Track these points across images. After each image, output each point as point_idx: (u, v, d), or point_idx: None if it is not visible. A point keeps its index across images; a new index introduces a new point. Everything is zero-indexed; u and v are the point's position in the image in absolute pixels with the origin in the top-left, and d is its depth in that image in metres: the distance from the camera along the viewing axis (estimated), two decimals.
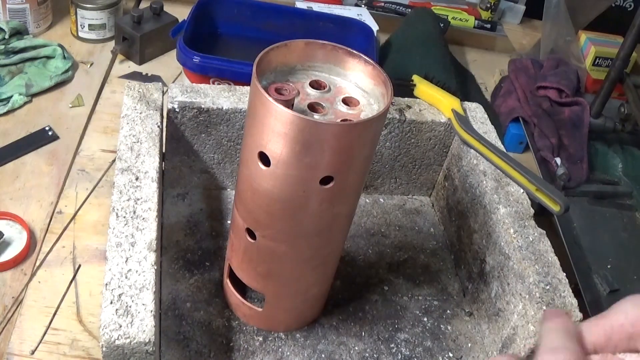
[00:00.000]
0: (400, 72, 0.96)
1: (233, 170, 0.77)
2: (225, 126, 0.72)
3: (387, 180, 0.82)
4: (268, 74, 0.53)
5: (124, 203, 0.57)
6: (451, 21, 1.26)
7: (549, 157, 0.95)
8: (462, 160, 0.76)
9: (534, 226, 0.66)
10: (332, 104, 0.52)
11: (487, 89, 1.16)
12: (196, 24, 0.96)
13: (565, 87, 1.01)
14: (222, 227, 0.74)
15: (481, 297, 0.69)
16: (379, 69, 0.53)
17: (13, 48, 0.97)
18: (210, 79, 0.89)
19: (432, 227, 0.81)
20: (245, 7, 1.03)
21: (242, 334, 0.64)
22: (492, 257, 0.67)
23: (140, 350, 0.48)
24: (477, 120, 0.78)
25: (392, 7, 1.28)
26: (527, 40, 1.34)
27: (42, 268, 0.70)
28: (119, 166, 0.61)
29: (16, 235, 0.73)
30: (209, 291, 0.67)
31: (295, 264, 0.58)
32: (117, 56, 1.04)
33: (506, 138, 1.02)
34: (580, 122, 0.98)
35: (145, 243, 0.54)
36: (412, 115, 0.76)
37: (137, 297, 0.50)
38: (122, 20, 1.04)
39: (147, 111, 0.68)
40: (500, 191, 0.70)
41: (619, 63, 0.97)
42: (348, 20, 1.06)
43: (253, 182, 0.53)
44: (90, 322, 0.65)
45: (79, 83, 0.98)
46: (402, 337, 0.67)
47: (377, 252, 0.76)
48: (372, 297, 0.71)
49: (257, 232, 0.56)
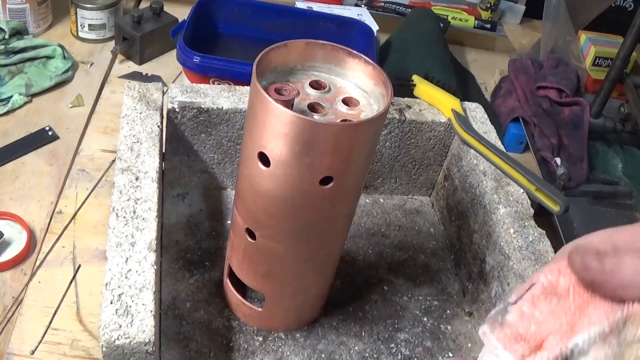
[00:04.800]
0: (400, 72, 0.96)
1: (233, 170, 0.77)
2: (225, 126, 0.72)
3: (387, 180, 0.82)
4: (268, 74, 0.53)
5: (124, 203, 0.57)
6: (451, 21, 1.26)
7: (549, 157, 0.95)
8: (462, 160, 0.76)
9: (534, 226, 0.66)
10: (332, 104, 0.52)
11: (487, 89, 1.16)
12: (196, 24, 0.96)
13: (565, 87, 1.01)
14: (222, 227, 0.74)
15: (481, 297, 0.69)
16: (379, 69, 0.53)
17: (13, 48, 0.97)
18: (210, 79, 0.89)
19: (432, 227, 0.81)
20: (245, 7, 1.03)
21: (242, 334, 0.64)
22: (492, 257, 0.67)
23: (140, 350, 0.48)
24: (477, 120, 0.78)
25: (392, 7, 1.28)
26: (527, 40, 1.34)
27: (42, 268, 0.70)
28: (119, 166, 0.61)
29: (16, 235, 0.73)
30: (209, 291, 0.67)
31: (295, 264, 0.58)
32: (117, 56, 1.04)
33: (506, 138, 1.02)
34: (580, 122, 0.98)
35: (145, 243, 0.54)
36: (412, 115, 0.76)
37: (137, 297, 0.50)
38: (122, 20, 1.04)
39: (147, 111, 0.68)
40: (500, 191, 0.70)
41: (619, 63, 0.97)
42: (348, 20, 1.06)
43: (253, 182, 0.53)
44: (90, 322, 0.65)
45: (79, 83, 0.98)
46: (402, 337, 0.67)
47: (377, 252, 0.76)
48: (372, 297, 0.71)
49: (257, 232, 0.56)
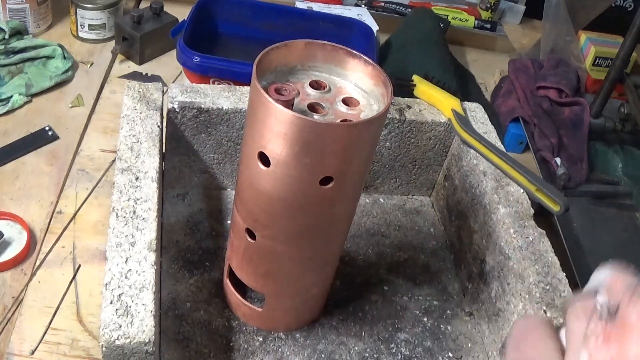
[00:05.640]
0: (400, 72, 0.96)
1: (233, 170, 0.77)
2: (225, 126, 0.72)
3: (387, 180, 0.82)
4: (268, 74, 0.53)
5: (124, 203, 0.57)
6: (451, 21, 1.26)
7: (549, 157, 0.95)
8: (462, 160, 0.76)
9: (534, 226, 0.66)
10: (332, 104, 0.52)
11: (487, 89, 1.16)
12: (196, 24, 0.96)
13: (565, 87, 1.01)
14: (222, 227, 0.74)
15: (481, 297, 0.69)
16: (379, 69, 0.53)
17: (13, 48, 0.97)
18: (210, 79, 0.89)
19: (432, 227, 0.81)
20: (245, 7, 1.03)
21: (242, 334, 0.64)
22: (492, 257, 0.67)
23: (140, 350, 0.48)
24: (477, 120, 0.78)
25: (392, 7, 1.28)
26: (527, 40, 1.34)
27: (42, 268, 0.70)
28: (119, 166, 0.61)
29: (16, 235, 0.73)
30: (209, 291, 0.67)
31: (295, 264, 0.58)
32: (117, 56, 1.04)
33: (506, 138, 1.02)
34: (580, 122, 0.98)
35: (145, 243, 0.54)
36: (412, 115, 0.76)
37: (137, 297, 0.50)
38: (122, 20, 1.04)
39: (147, 111, 0.68)
40: (500, 191, 0.70)
41: (619, 63, 0.97)
42: (348, 20, 1.06)
43: (253, 182, 0.53)
44: (90, 322, 0.65)
45: (79, 83, 0.98)
46: (402, 337, 0.67)
47: (377, 252, 0.76)
48: (372, 297, 0.71)
49: (257, 232, 0.56)
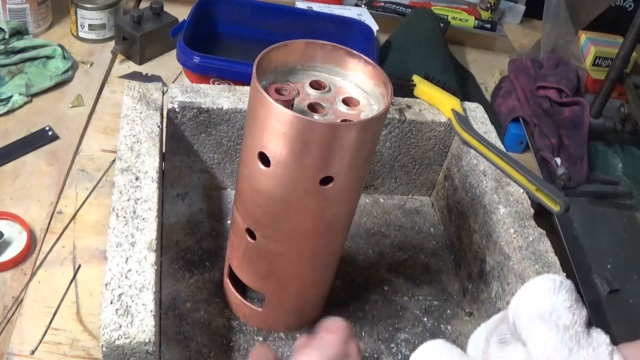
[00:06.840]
0: (400, 72, 0.96)
1: (233, 170, 0.77)
2: (225, 126, 0.72)
3: (387, 180, 0.82)
4: (268, 74, 0.53)
5: (124, 203, 0.57)
6: (451, 21, 1.26)
7: (549, 157, 0.95)
8: (462, 160, 0.76)
9: (534, 226, 0.66)
10: (332, 104, 0.52)
11: (487, 89, 1.16)
12: (196, 24, 0.96)
13: (565, 87, 1.01)
14: (222, 227, 0.74)
15: (481, 297, 0.69)
16: (379, 69, 0.53)
17: (13, 48, 0.97)
18: (210, 79, 0.89)
19: (432, 227, 0.81)
20: (245, 7, 1.03)
21: (242, 334, 0.64)
22: (492, 257, 0.67)
23: (140, 350, 0.48)
24: (477, 120, 0.78)
25: (392, 7, 1.28)
26: (527, 40, 1.34)
27: (42, 268, 0.70)
28: (119, 166, 0.61)
29: (16, 235, 0.73)
30: (209, 291, 0.67)
31: (295, 264, 0.58)
32: (117, 56, 1.04)
33: (506, 138, 1.02)
34: (580, 122, 0.98)
35: (145, 243, 0.54)
36: (412, 115, 0.76)
37: (137, 297, 0.50)
38: (122, 20, 1.04)
39: (147, 111, 0.68)
40: (500, 191, 0.70)
41: (619, 63, 0.97)
42: (348, 20, 1.06)
43: (253, 182, 0.53)
44: (90, 322, 0.65)
45: (79, 83, 0.98)
46: (402, 337, 0.67)
47: (377, 252, 0.76)
48: (372, 297, 0.71)
49: (257, 232, 0.56)
